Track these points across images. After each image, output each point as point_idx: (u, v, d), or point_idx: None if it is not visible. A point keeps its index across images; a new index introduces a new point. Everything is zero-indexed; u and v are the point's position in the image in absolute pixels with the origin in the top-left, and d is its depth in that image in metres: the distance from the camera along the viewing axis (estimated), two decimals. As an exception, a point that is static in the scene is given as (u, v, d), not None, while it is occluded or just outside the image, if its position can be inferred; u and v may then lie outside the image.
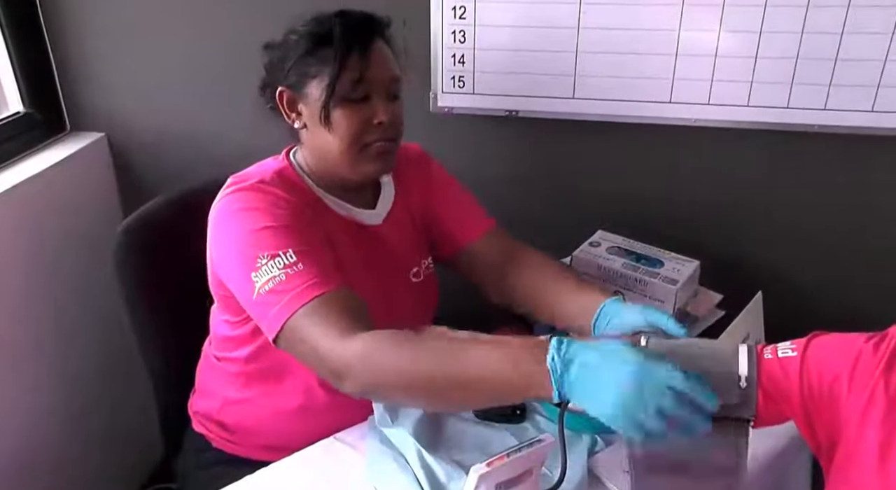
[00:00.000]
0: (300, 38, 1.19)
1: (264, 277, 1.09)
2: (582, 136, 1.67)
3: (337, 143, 1.19)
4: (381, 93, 1.20)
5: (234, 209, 1.17)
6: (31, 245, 1.68)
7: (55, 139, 1.83)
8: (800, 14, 1.44)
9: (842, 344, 0.92)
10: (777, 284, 1.55)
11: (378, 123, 1.19)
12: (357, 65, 1.16)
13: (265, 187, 1.18)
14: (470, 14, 1.55)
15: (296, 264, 1.09)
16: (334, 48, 1.16)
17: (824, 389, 0.89)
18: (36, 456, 1.74)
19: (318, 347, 1.05)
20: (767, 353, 0.95)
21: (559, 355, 0.92)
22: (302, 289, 1.08)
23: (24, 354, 1.69)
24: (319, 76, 1.17)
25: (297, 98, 1.21)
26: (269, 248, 1.11)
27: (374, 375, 1.04)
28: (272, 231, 1.13)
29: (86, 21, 1.77)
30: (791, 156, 1.62)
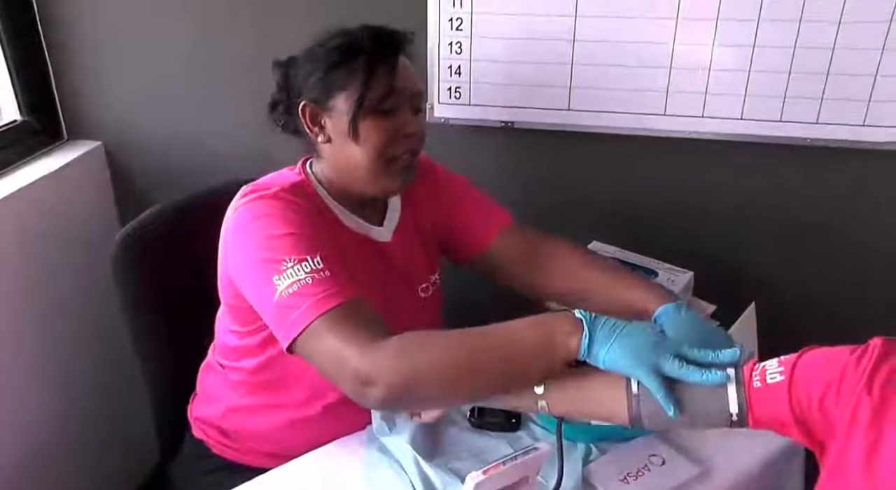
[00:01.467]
0: (327, 51, 1.19)
1: (288, 280, 1.07)
2: (577, 147, 1.68)
3: (364, 155, 1.18)
4: (408, 105, 1.20)
5: (255, 215, 1.15)
6: (27, 253, 1.68)
7: (52, 147, 1.84)
8: (792, 29, 1.45)
9: (828, 359, 0.93)
10: (770, 296, 1.56)
11: (405, 136, 1.20)
12: (386, 77, 1.16)
13: (286, 196, 1.17)
14: (466, 26, 1.56)
15: (322, 270, 1.07)
16: (365, 59, 1.16)
17: (814, 406, 0.91)
18: (32, 461, 1.73)
19: (343, 353, 1.02)
20: (756, 380, 0.95)
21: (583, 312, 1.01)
22: (328, 294, 1.05)
23: (21, 362, 1.69)
24: (348, 89, 1.16)
25: (322, 112, 1.20)
26: (296, 252, 1.09)
27: (408, 374, 1.01)
28: (298, 237, 1.11)
29: (84, 29, 1.77)
30: (784, 168, 1.63)
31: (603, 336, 0.98)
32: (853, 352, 0.91)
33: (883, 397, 0.85)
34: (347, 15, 1.62)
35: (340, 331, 1.03)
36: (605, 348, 0.98)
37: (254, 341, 1.26)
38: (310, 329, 1.05)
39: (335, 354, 1.03)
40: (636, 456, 1.22)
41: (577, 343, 0.99)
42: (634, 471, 1.20)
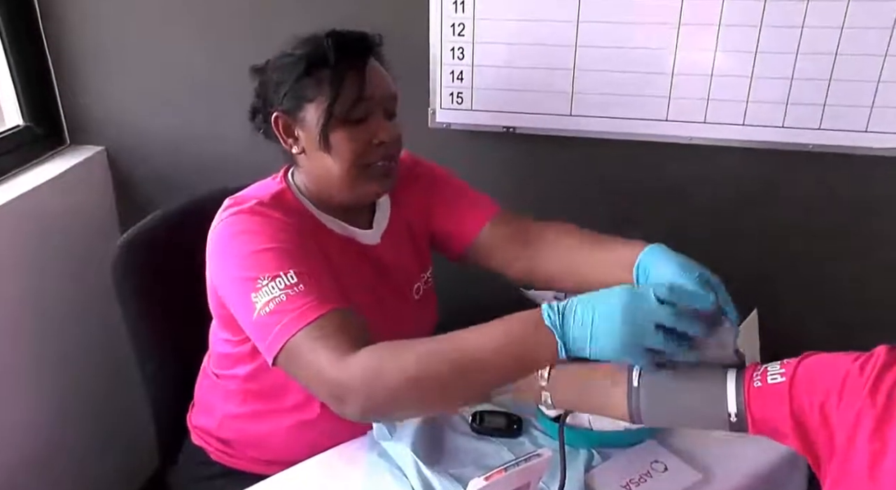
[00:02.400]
0: (294, 61, 1.16)
1: (265, 298, 1.07)
2: (579, 152, 1.68)
3: (337, 165, 1.18)
4: (380, 111, 1.19)
5: (234, 231, 1.15)
6: (29, 257, 1.68)
7: (54, 153, 1.84)
8: (795, 35, 1.46)
9: (830, 365, 0.93)
10: (773, 302, 1.55)
11: (378, 143, 1.18)
12: (355, 84, 1.15)
13: (264, 210, 1.16)
14: (469, 31, 1.57)
15: (296, 285, 1.07)
16: (331, 69, 1.14)
17: (815, 411, 0.90)
18: (31, 465, 1.73)
19: (319, 370, 1.03)
20: (757, 380, 0.95)
21: (553, 310, 0.96)
22: (302, 310, 1.05)
23: (22, 366, 1.69)
24: (316, 99, 1.15)
25: (294, 123, 1.19)
26: (270, 269, 1.09)
27: (378, 390, 1.00)
28: (273, 252, 1.11)
29: (86, 35, 1.78)
30: (786, 174, 1.63)
31: (578, 333, 0.94)
32: (857, 359, 0.91)
33: (887, 406, 0.85)
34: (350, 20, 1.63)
35: (315, 346, 1.03)
36: (586, 345, 0.94)
37: (245, 349, 1.25)
38: (287, 346, 1.05)
39: (311, 369, 1.03)
40: (638, 462, 1.21)
41: (553, 352, 0.96)
42: (636, 477, 1.19)
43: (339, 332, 1.04)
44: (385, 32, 1.62)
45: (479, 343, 0.99)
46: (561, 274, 1.30)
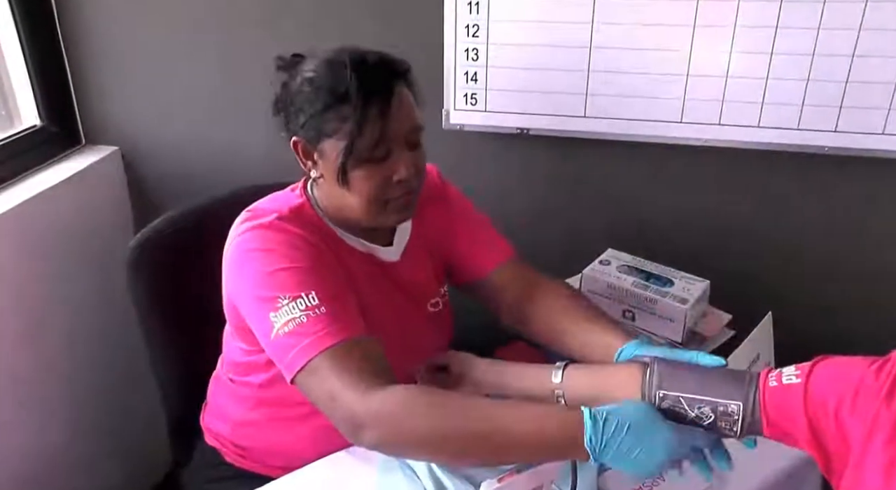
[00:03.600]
0: (314, 93, 1.11)
1: (284, 318, 1.06)
2: (593, 154, 1.68)
3: (356, 200, 1.15)
4: (402, 146, 1.14)
5: (252, 247, 1.13)
6: (44, 257, 1.69)
7: (70, 153, 1.85)
8: (811, 36, 1.45)
9: (844, 369, 0.92)
10: (787, 305, 1.55)
11: (399, 181, 1.14)
12: (376, 123, 1.09)
13: (284, 226, 1.14)
14: (483, 32, 1.57)
15: (318, 307, 1.06)
16: (352, 107, 1.08)
17: (830, 415, 0.90)
18: (44, 467, 1.74)
19: (337, 396, 1.02)
20: (772, 381, 0.95)
21: (597, 435, 0.94)
22: (323, 334, 1.05)
23: (36, 365, 1.70)
24: (336, 135, 1.10)
25: (313, 150, 1.15)
26: (291, 289, 1.07)
27: (399, 435, 1.02)
28: (294, 272, 1.09)
29: (102, 37, 1.79)
30: (802, 177, 1.62)
31: (616, 460, 0.95)
32: (872, 363, 0.90)
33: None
34: (366, 24, 1.64)
35: (336, 371, 1.03)
36: (623, 469, 0.97)
37: (261, 359, 1.24)
38: (307, 368, 1.05)
39: (331, 394, 1.03)
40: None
41: (583, 453, 0.96)
42: (649, 481, 1.19)
43: (360, 361, 1.04)
44: (400, 34, 1.64)
45: (515, 427, 0.99)
46: (546, 336, 1.31)
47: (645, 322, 1.49)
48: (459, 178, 1.77)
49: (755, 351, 1.36)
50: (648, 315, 1.48)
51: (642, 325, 1.49)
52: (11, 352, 1.62)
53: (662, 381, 1.01)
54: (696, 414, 0.98)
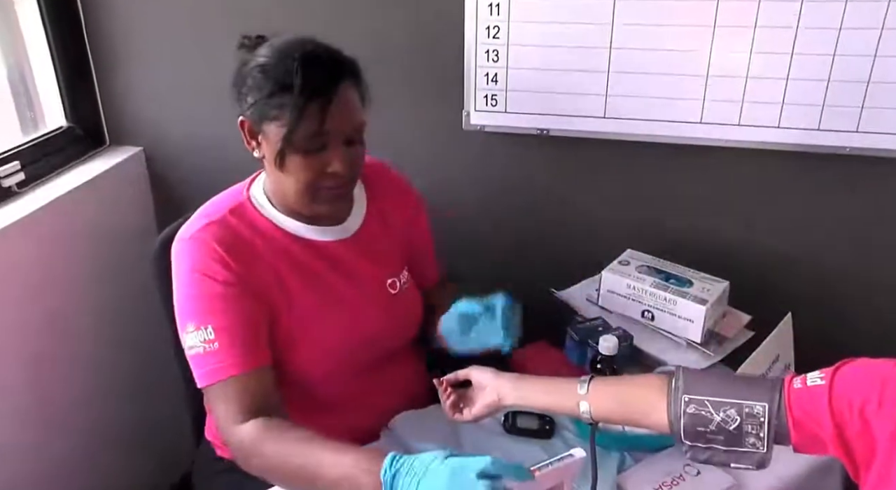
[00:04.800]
0: (262, 80, 1.17)
1: (189, 342, 1.20)
2: (612, 155, 1.68)
3: (292, 184, 1.21)
4: (339, 141, 1.19)
5: (180, 264, 1.23)
6: (71, 255, 1.72)
7: (95, 153, 1.88)
8: (832, 37, 1.44)
9: (869, 369, 0.92)
10: (807, 306, 1.54)
11: (331, 173, 1.20)
12: (317, 116, 1.15)
13: (206, 239, 1.22)
14: (503, 34, 1.57)
15: (213, 342, 1.18)
16: (293, 97, 1.14)
17: (855, 415, 0.89)
18: (66, 464, 1.77)
19: (219, 424, 1.20)
20: (797, 383, 0.96)
21: (391, 467, 1.00)
22: (214, 368, 1.18)
23: (60, 361, 1.72)
24: (277, 122, 1.16)
25: (257, 132, 1.21)
26: (195, 318, 1.20)
27: (249, 466, 1.17)
28: (201, 301, 1.20)
29: (127, 39, 1.81)
30: (823, 178, 1.61)
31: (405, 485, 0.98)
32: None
33: None
34: (386, 26, 1.65)
35: (219, 405, 1.19)
36: None
37: None
38: (205, 391, 1.22)
39: (217, 419, 1.20)
40: (671, 465, 1.21)
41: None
42: (669, 480, 1.20)
43: (243, 397, 1.17)
44: (421, 34, 1.65)
45: (328, 463, 1.08)
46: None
47: (664, 322, 1.49)
48: (479, 178, 1.79)
49: (775, 352, 1.36)
50: (668, 315, 1.48)
51: (661, 325, 1.50)
52: (36, 348, 1.64)
53: (688, 386, 1.01)
54: (722, 417, 0.98)
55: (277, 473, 1.14)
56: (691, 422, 0.99)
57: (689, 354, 1.46)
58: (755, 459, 0.97)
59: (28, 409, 1.64)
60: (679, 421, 1.00)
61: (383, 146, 1.37)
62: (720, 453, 0.99)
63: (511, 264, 1.85)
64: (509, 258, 1.85)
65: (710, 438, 0.99)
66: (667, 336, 1.50)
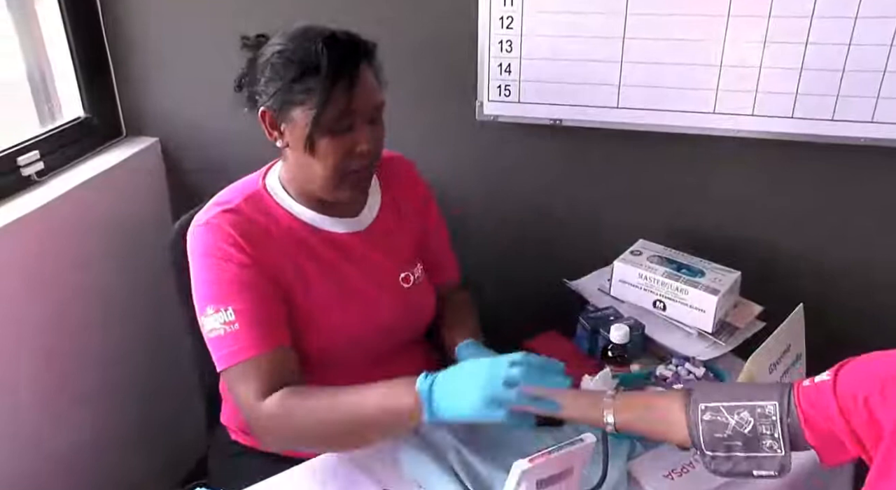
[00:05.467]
0: (285, 64, 1.18)
1: (209, 325, 1.21)
2: (625, 145, 1.68)
3: (320, 169, 1.22)
4: (365, 120, 1.21)
5: (195, 249, 1.25)
6: (88, 244, 1.74)
7: (111, 144, 1.90)
8: (847, 26, 1.43)
9: (872, 362, 0.94)
10: (819, 297, 1.54)
11: (360, 153, 1.22)
12: (343, 96, 1.16)
13: (221, 225, 1.23)
14: (517, 24, 1.58)
15: (233, 323, 1.19)
16: (321, 79, 1.15)
17: (860, 405, 0.91)
18: (82, 453, 1.80)
19: (242, 405, 1.20)
20: (806, 382, 0.98)
21: (425, 378, 1.10)
22: (235, 349, 1.19)
23: (76, 350, 1.75)
24: (304, 105, 1.17)
25: (281, 120, 1.22)
26: (215, 300, 1.21)
27: (286, 431, 1.18)
28: (220, 285, 1.21)
29: (143, 32, 1.83)
30: (836, 168, 1.61)
31: (441, 396, 1.08)
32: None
33: None
34: (400, 16, 1.66)
35: (242, 382, 1.19)
36: (449, 405, 1.08)
37: None
38: (225, 373, 1.22)
39: (239, 401, 1.20)
40: (681, 453, 1.21)
41: (419, 412, 1.09)
42: (679, 468, 1.20)
43: (266, 376, 1.18)
44: (434, 25, 1.66)
45: (364, 401, 1.13)
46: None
47: (675, 312, 1.49)
48: (492, 168, 1.79)
49: (786, 342, 1.36)
50: (679, 305, 1.48)
51: (673, 315, 1.50)
52: (50, 336, 1.67)
53: (703, 396, 1.03)
54: (737, 420, 0.99)
55: (314, 434, 1.17)
56: (708, 429, 1.01)
57: (701, 344, 1.46)
58: (775, 464, 0.98)
59: (44, 397, 1.66)
60: (697, 429, 1.01)
61: (396, 137, 1.38)
62: (741, 461, 1.00)
63: (523, 254, 1.86)
64: (521, 248, 1.86)
65: (728, 445, 1.00)
66: (678, 326, 1.50)
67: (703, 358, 1.40)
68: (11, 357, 1.55)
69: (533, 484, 0.98)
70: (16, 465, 1.59)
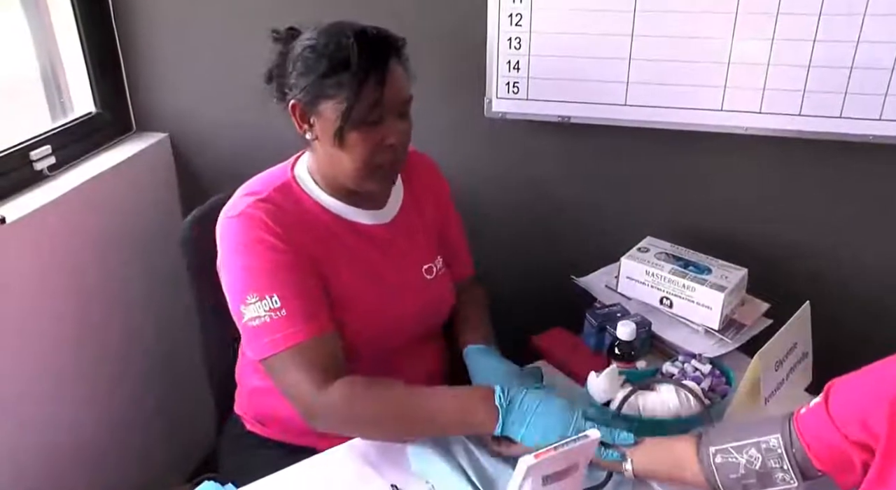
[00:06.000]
0: (316, 59, 1.19)
1: (251, 313, 1.21)
2: (633, 142, 1.68)
3: (350, 162, 1.23)
4: (395, 114, 1.23)
5: (230, 241, 1.25)
6: (98, 237, 1.75)
7: (122, 139, 1.92)
8: (855, 23, 1.43)
9: (860, 374, 0.97)
10: (825, 294, 1.55)
11: (389, 146, 1.23)
12: (374, 91, 1.18)
13: (257, 214, 1.23)
14: (526, 21, 1.58)
15: (279, 310, 1.19)
16: (352, 73, 1.17)
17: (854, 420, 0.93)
18: (97, 443, 1.81)
19: (296, 388, 1.20)
20: (802, 410, 1.01)
21: (504, 394, 1.14)
22: (283, 335, 1.19)
23: (88, 342, 1.76)
24: (335, 99, 1.19)
25: (311, 113, 1.24)
26: (258, 289, 1.20)
27: (346, 421, 1.21)
28: (261, 273, 1.22)
29: (154, 28, 1.84)
30: (845, 166, 1.61)
31: (517, 418, 1.13)
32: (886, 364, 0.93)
33: None
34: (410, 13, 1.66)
35: (294, 367, 1.19)
36: (521, 429, 1.12)
37: None
38: (269, 360, 1.21)
39: (291, 386, 1.20)
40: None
41: (493, 426, 1.13)
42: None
43: (315, 360, 1.19)
44: (443, 22, 1.66)
45: (446, 409, 1.18)
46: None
47: (682, 309, 1.50)
48: (501, 165, 1.80)
49: (792, 340, 1.37)
50: (686, 302, 1.49)
51: (680, 312, 1.51)
52: (64, 330, 1.68)
53: (711, 439, 1.06)
54: (746, 458, 1.02)
55: (383, 427, 1.21)
56: (723, 471, 1.03)
57: (707, 341, 1.46)
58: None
59: (56, 392, 1.68)
60: (713, 474, 1.04)
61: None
62: None
63: (531, 251, 1.86)
64: (529, 244, 1.86)
65: (745, 484, 1.03)
66: (685, 323, 1.50)
67: (709, 355, 1.40)
68: (23, 348, 1.57)
69: (539, 479, 0.99)
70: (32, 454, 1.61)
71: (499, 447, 1.20)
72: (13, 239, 1.51)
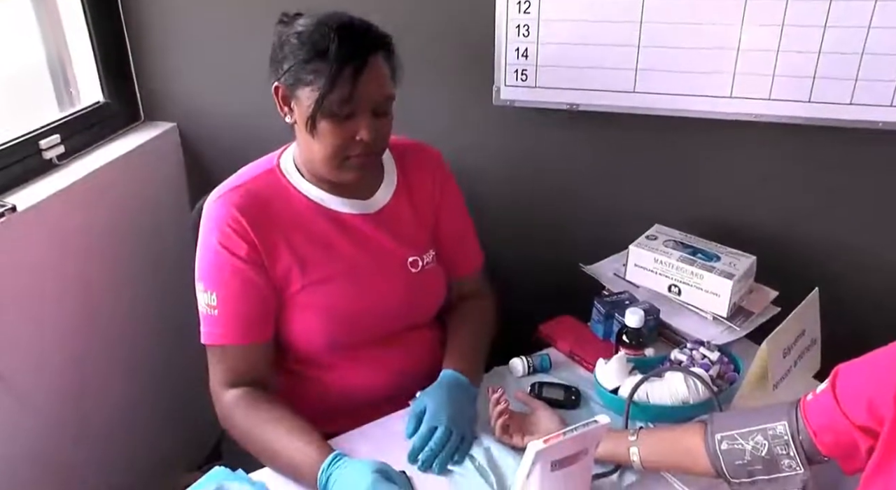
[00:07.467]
0: (299, 45, 1.21)
1: (200, 300, 1.30)
2: (642, 130, 1.68)
3: (320, 150, 1.24)
4: (368, 111, 1.22)
5: (203, 224, 1.31)
6: (106, 226, 1.76)
7: (130, 128, 1.92)
8: (867, 8, 1.42)
9: (866, 360, 0.97)
10: (834, 282, 1.54)
11: (359, 141, 1.23)
12: (347, 84, 1.18)
13: (227, 205, 1.28)
14: (534, 9, 1.57)
15: (214, 308, 1.28)
16: (328, 63, 1.18)
17: (861, 404, 0.93)
18: (107, 431, 1.82)
19: (211, 384, 1.32)
20: (809, 397, 1.01)
21: (324, 472, 1.14)
22: (210, 332, 1.29)
23: (96, 330, 1.77)
24: (311, 86, 1.20)
25: (291, 97, 1.25)
26: (204, 280, 1.29)
27: (228, 427, 1.29)
28: (211, 267, 1.28)
29: (161, 18, 1.84)
30: (854, 153, 1.60)
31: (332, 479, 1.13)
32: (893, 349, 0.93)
33: None
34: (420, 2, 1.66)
35: (214, 364, 1.31)
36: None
37: None
38: (206, 347, 1.31)
39: (210, 378, 1.32)
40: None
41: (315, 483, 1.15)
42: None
43: (233, 364, 1.29)
44: (452, 10, 1.66)
45: (281, 443, 1.21)
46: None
47: (690, 297, 1.50)
48: (509, 153, 1.80)
49: (800, 327, 1.37)
50: (694, 290, 1.49)
51: (688, 299, 1.51)
52: (73, 317, 1.69)
53: (717, 426, 1.06)
54: (752, 445, 1.03)
55: (247, 443, 1.26)
56: (729, 458, 1.04)
57: (716, 329, 1.46)
58: (797, 482, 1.02)
59: (66, 380, 1.69)
60: (719, 460, 1.05)
61: (414, 121, 1.38)
62: (765, 485, 1.03)
63: (539, 238, 1.86)
64: (537, 232, 1.86)
65: (750, 471, 1.03)
66: (693, 310, 1.50)
67: (717, 342, 1.40)
68: (32, 336, 1.58)
69: (547, 464, 0.99)
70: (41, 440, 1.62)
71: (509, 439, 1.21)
72: (23, 227, 1.51)
